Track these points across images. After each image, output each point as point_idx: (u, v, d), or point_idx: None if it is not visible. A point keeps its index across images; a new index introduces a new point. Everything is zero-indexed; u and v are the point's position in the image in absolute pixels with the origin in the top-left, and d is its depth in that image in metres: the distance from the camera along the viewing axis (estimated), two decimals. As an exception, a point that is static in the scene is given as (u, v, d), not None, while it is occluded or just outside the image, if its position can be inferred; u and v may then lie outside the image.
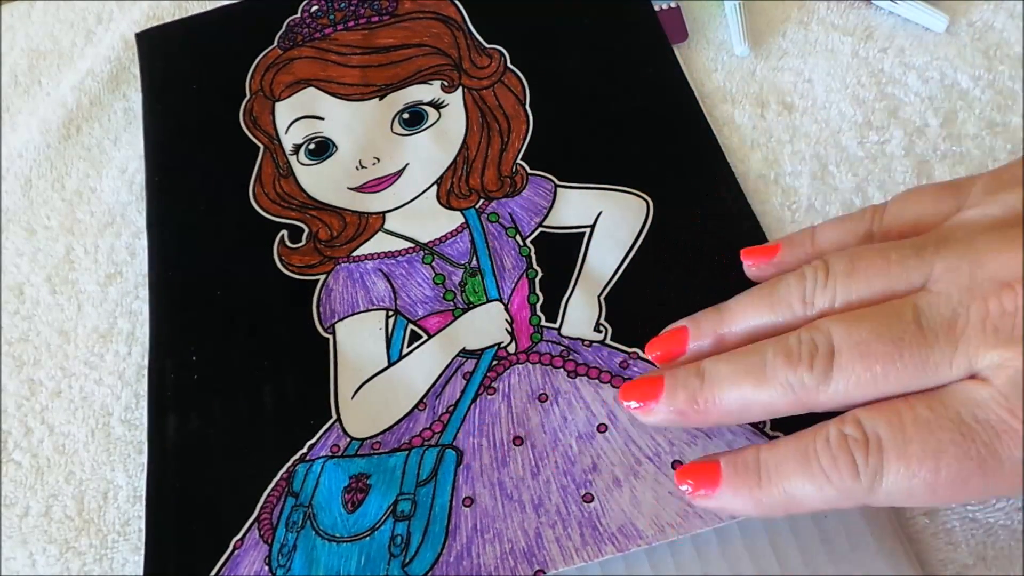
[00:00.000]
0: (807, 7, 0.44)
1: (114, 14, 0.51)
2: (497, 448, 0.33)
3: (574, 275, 0.37)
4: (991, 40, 0.41)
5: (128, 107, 0.47)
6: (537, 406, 0.34)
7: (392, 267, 0.38)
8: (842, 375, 0.25)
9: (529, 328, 0.36)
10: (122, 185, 0.44)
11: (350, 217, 0.40)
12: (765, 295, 0.28)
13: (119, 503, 0.36)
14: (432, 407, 0.35)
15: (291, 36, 0.46)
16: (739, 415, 0.27)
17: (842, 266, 0.27)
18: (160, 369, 0.37)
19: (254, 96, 0.44)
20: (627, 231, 0.38)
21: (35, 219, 0.44)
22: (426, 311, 0.37)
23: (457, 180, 0.40)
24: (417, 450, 0.34)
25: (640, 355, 0.34)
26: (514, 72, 0.43)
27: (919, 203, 0.29)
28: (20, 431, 0.38)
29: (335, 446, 0.34)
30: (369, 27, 0.45)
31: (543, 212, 0.39)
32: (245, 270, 0.39)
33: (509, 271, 0.37)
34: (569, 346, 0.35)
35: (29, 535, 0.36)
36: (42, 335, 0.41)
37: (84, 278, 0.42)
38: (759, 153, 0.40)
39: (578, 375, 0.34)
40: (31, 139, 0.47)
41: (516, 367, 0.35)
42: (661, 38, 0.43)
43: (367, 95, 0.43)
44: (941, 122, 0.40)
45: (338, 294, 0.38)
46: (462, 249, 0.38)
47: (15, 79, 0.50)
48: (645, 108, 0.41)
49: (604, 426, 0.33)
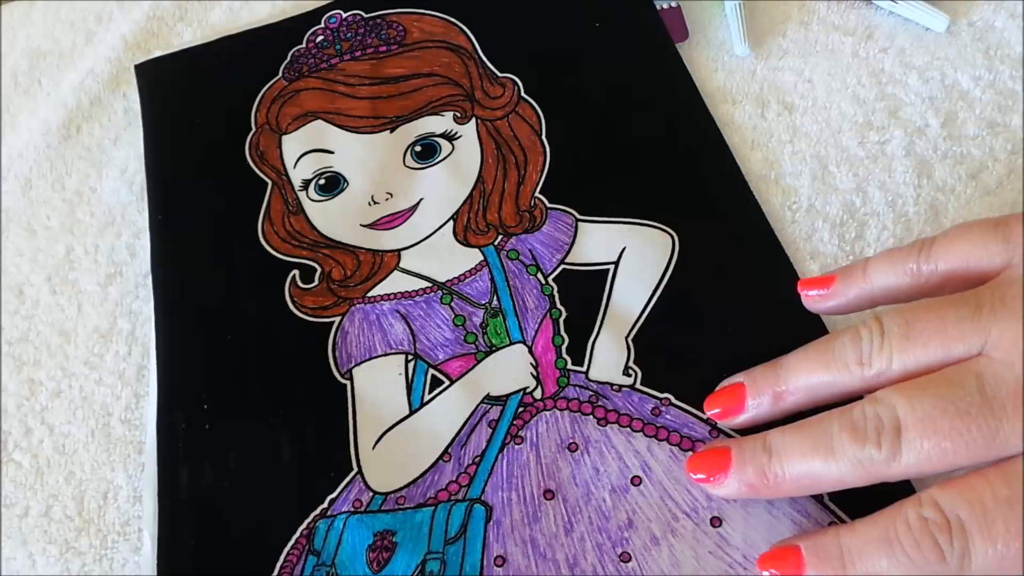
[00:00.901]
0: (807, 7, 0.44)
1: (114, 14, 0.51)
2: (528, 502, 0.32)
3: (600, 315, 0.36)
4: (992, 40, 0.41)
5: (128, 107, 0.47)
6: (567, 456, 0.33)
7: (410, 308, 0.37)
8: (911, 451, 0.24)
9: (555, 372, 0.35)
10: (122, 185, 0.44)
11: (364, 255, 0.39)
12: (820, 353, 0.28)
13: (119, 503, 0.36)
14: (457, 458, 0.33)
15: (297, 67, 0.44)
16: (810, 488, 0.27)
17: (897, 327, 0.26)
18: (170, 420, 0.36)
19: (260, 130, 0.43)
20: (653, 267, 0.36)
21: (35, 219, 0.44)
22: (447, 355, 0.36)
23: (474, 215, 0.39)
24: (444, 505, 0.32)
25: (672, 401, 0.33)
26: (528, 101, 0.42)
27: (967, 241, 0.28)
28: (20, 431, 0.38)
29: (357, 501, 0.33)
30: (377, 57, 0.44)
31: (565, 248, 0.38)
32: (256, 313, 0.38)
33: (532, 311, 0.36)
34: (598, 391, 0.34)
35: (29, 535, 0.35)
36: (42, 335, 0.40)
37: (84, 278, 0.42)
38: (759, 153, 0.40)
39: (608, 423, 0.33)
40: (31, 139, 0.46)
41: (543, 414, 0.34)
42: (679, 64, 0.42)
43: (377, 127, 0.42)
44: (941, 122, 0.39)
45: (354, 337, 0.37)
46: (482, 288, 0.37)
47: (15, 79, 0.50)
48: (665, 136, 0.40)
49: (638, 478, 0.32)
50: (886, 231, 0.37)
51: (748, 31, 0.43)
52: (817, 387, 0.28)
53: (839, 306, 0.31)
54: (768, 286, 0.35)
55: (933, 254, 0.29)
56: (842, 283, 0.31)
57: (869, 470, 0.25)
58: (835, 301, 0.31)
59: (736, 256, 0.36)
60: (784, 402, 0.29)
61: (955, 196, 0.37)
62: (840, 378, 0.27)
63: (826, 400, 0.28)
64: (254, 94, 0.44)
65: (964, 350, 0.25)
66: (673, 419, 0.33)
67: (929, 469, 0.24)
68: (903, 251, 0.30)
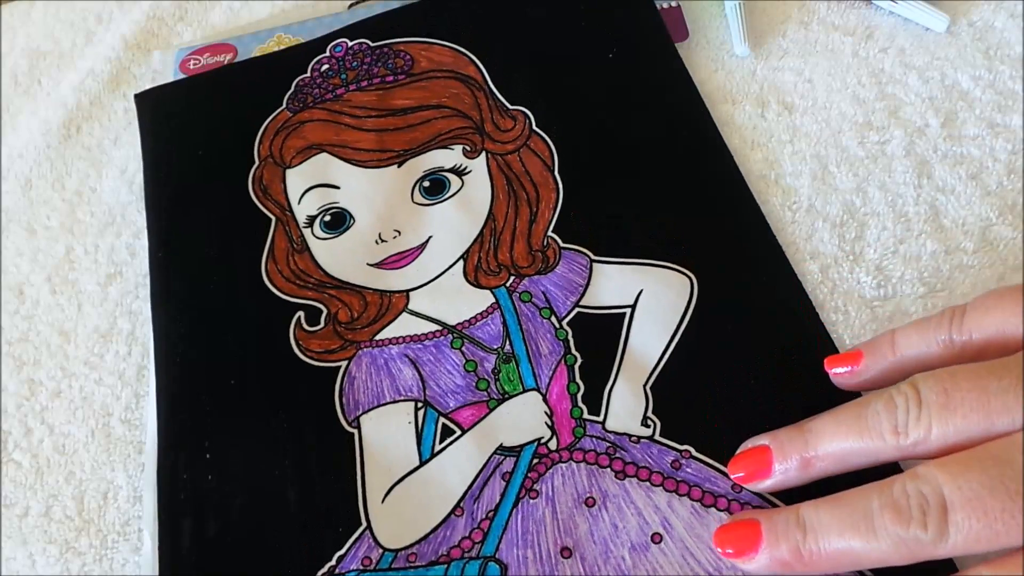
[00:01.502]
0: (807, 7, 0.44)
1: (114, 14, 0.51)
2: (544, 561, 0.31)
3: (616, 362, 0.34)
4: (992, 40, 0.42)
5: (128, 107, 0.47)
6: (584, 512, 0.32)
7: (419, 352, 0.36)
8: (959, 532, 0.23)
9: (571, 422, 0.34)
10: (122, 185, 0.44)
11: (371, 296, 0.38)
12: (853, 419, 0.27)
13: (119, 503, 0.36)
14: (470, 512, 0.32)
15: (301, 97, 0.43)
16: (850, 566, 0.26)
17: (936, 396, 0.25)
18: (172, 466, 0.35)
19: (263, 163, 0.42)
20: (671, 311, 0.35)
21: (35, 219, 0.44)
22: (458, 402, 0.35)
23: (485, 255, 0.38)
24: (457, 563, 0.31)
25: (693, 453, 0.32)
26: (540, 135, 0.41)
27: (1001, 309, 0.27)
28: (20, 431, 0.38)
29: (367, 558, 0.32)
30: (384, 87, 0.43)
31: (579, 291, 0.36)
32: (260, 356, 0.37)
33: (546, 357, 0.35)
34: (615, 442, 0.33)
35: (29, 535, 0.35)
36: (42, 335, 0.40)
37: (84, 278, 0.42)
38: (759, 153, 0.40)
39: (627, 476, 0.32)
40: (31, 139, 0.47)
41: (559, 466, 0.33)
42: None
43: (384, 161, 0.41)
44: (941, 122, 0.39)
45: (361, 383, 0.36)
46: (494, 332, 0.36)
47: (15, 79, 0.50)
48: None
49: (659, 536, 0.31)
50: (886, 231, 0.37)
51: (748, 31, 0.43)
52: (848, 454, 0.27)
53: (867, 382, 0.31)
54: (785, 328, 0.34)
55: (967, 324, 0.28)
56: (870, 359, 0.30)
57: (914, 550, 0.24)
58: (864, 378, 0.31)
59: (754, 299, 0.35)
60: (813, 468, 0.28)
61: (955, 196, 0.37)
62: (873, 446, 0.26)
63: (857, 467, 0.27)
64: (258, 125, 0.43)
65: (1008, 423, 0.24)
66: (694, 473, 0.32)
67: (978, 550, 0.23)
68: (934, 322, 0.29)
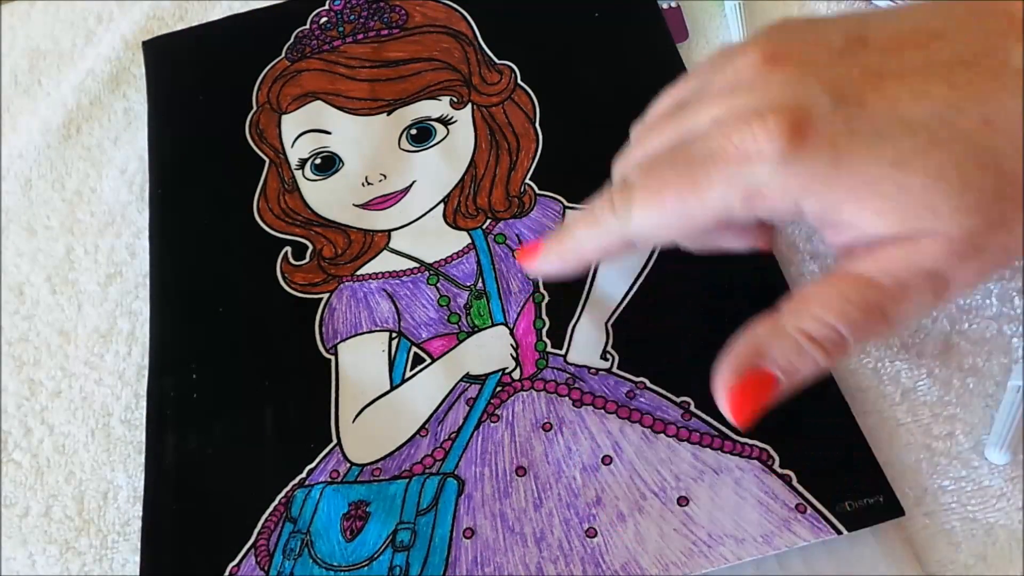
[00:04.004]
0: (807, 7, 0.44)
1: (114, 14, 0.51)
2: (499, 478, 0.33)
3: (581, 300, 0.36)
4: None
5: (128, 107, 0.47)
6: (541, 435, 0.33)
7: (396, 287, 0.38)
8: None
9: (535, 354, 0.35)
10: (122, 185, 0.44)
11: (355, 235, 0.40)
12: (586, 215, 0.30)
13: (119, 503, 0.36)
14: (434, 433, 0.34)
15: (299, 47, 0.45)
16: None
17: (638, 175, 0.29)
18: (160, 386, 0.37)
19: (261, 108, 0.44)
20: (636, 257, 0.37)
21: (35, 219, 0.44)
22: (430, 333, 0.36)
23: (464, 199, 0.40)
24: (418, 478, 0.33)
25: (647, 384, 0.34)
26: (524, 89, 0.42)
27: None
28: (20, 431, 0.38)
29: (335, 471, 0.34)
30: (379, 40, 0.45)
31: (551, 234, 0.38)
32: (248, 287, 0.39)
33: (515, 294, 0.37)
34: (575, 373, 0.34)
35: (29, 535, 0.36)
36: (42, 335, 0.41)
37: (84, 278, 0.42)
38: None
39: (584, 404, 0.34)
40: (31, 139, 0.47)
41: (520, 394, 0.34)
42: (679, 64, 0.42)
43: (375, 110, 0.43)
44: None
45: (341, 314, 0.38)
46: (468, 271, 0.38)
47: (15, 79, 0.50)
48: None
49: (609, 458, 0.32)
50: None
51: (748, 31, 0.43)
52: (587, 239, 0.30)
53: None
54: (746, 277, 0.36)
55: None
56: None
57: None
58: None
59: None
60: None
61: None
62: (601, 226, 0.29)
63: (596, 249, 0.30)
64: (257, 73, 0.45)
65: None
66: (647, 402, 0.33)
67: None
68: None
